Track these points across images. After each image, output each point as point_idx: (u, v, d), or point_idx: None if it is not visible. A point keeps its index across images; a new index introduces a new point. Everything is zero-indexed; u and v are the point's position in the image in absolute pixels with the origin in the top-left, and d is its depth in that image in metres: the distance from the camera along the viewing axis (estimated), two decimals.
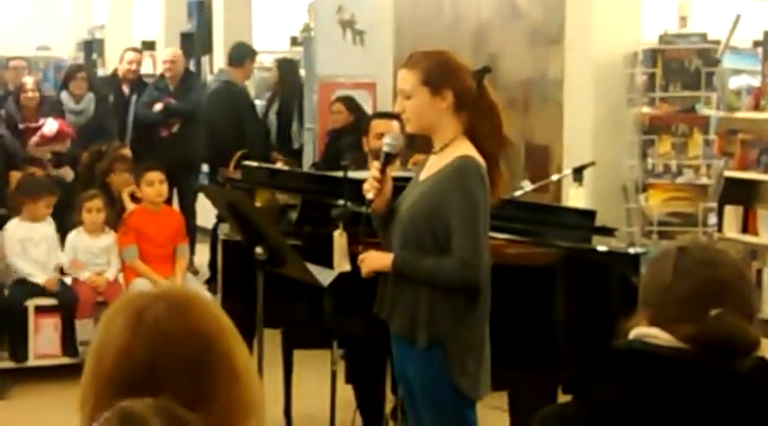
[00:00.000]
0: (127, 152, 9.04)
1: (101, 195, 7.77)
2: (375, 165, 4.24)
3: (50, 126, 9.25)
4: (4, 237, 7.54)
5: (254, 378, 1.90)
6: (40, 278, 7.42)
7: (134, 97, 10.65)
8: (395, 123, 4.22)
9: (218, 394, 1.81)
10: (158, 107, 10.23)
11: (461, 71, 4.18)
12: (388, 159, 4.27)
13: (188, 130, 10.09)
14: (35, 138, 9.16)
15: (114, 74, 11.18)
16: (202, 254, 10.20)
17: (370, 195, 4.20)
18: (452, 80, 4.14)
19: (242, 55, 10.02)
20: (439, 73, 4.14)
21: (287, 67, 11.13)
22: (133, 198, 8.03)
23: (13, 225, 7.55)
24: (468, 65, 4.24)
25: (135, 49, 11.39)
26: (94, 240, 7.63)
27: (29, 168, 8.37)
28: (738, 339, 2.21)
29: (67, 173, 9.09)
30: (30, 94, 9.45)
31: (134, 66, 10.90)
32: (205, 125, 9.88)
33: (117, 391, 1.79)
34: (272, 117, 10.76)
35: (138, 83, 10.86)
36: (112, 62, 13.27)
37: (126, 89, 10.74)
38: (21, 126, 9.31)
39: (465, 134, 4.16)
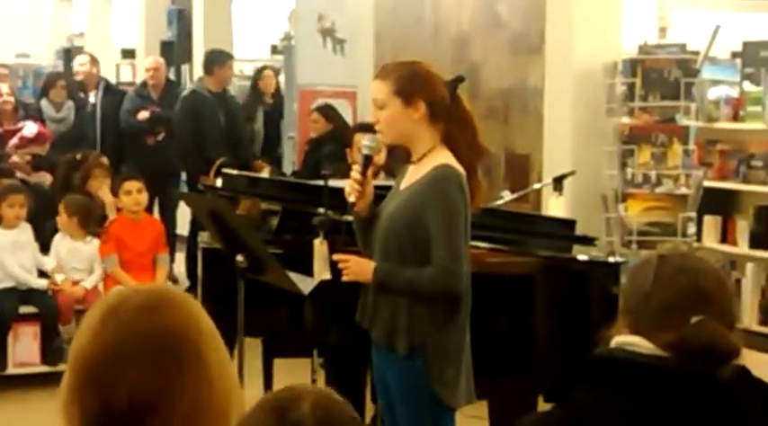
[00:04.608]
0: (104, 160, 9.01)
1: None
2: (356, 168, 4.24)
3: (30, 128, 9.26)
4: None
5: (228, 383, 1.89)
6: (35, 282, 7.45)
7: (98, 98, 10.53)
8: (378, 136, 4.24)
9: (183, 396, 1.81)
10: (144, 115, 10.22)
11: (434, 81, 4.18)
12: (368, 161, 4.26)
13: (171, 139, 10.09)
14: (14, 141, 9.16)
15: (80, 82, 11.11)
16: (182, 263, 10.18)
17: (351, 198, 4.20)
18: (424, 90, 4.14)
19: (210, 62, 9.96)
20: (411, 83, 4.14)
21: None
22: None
23: None
24: (442, 75, 4.25)
25: (85, 53, 11.36)
26: (77, 245, 7.62)
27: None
28: (719, 346, 2.21)
29: (45, 178, 9.07)
30: (5, 98, 9.44)
31: (82, 68, 10.72)
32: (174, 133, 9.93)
33: (82, 378, 1.81)
34: (258, 125, 10.77)
35: (101, 86, 10.72)
36: None
37: (91, 95, 10.60)
38: None
39: (443, 143, 4.16)
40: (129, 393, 1.79)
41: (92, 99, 10.55)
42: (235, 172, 6.91)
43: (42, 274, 7.60)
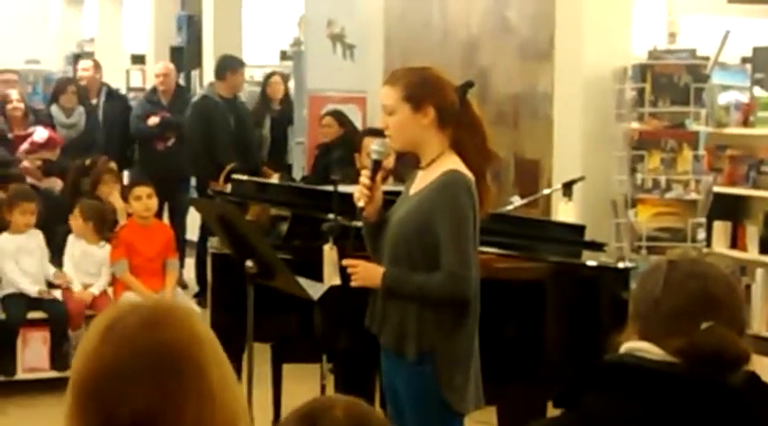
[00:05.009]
0: (113, 165, 9.02)
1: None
2: (365, 173, 4.25)
3: (41, 133, 9.28)
4: None
5: (232, 399, 1.86)
6: (32, 289, 7.43)
7: (100, 104, 10.57)
8: (387, 141, 4.23)
9: (186, 412, 1.78)
10: (155, 120, 10.24)
11: (443, 86, 4.18)
12: (377, 166, 4.26)
13: (181, 144, 10.11)
14: (25, 146, 9.19)
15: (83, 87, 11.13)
16: (191, 268, 10.19)
17: (360, 203, 4.20)
18: (434, 95, 4.14)
19: (223, 67, 10.00)
20: (420, 89, 4.14)
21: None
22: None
23: (3, 238, 7.53)
24: (452, 80, 4.24)
25: (89, 59, 11.37)
26: (91, 249, 7.65)
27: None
28: (729, 352, 2.21)
29: (55, 184, 9.09)
30: (15, 104, 9.46)
31: (86, 73, 10.78)
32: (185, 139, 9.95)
33: (84, 395, 1.79)
34: (266, 131, 10.78)
35: (103, 92, 10.74)
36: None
37: (94, 100, 10.64)
38: (10, 135, 9.32)
39: (452, 148, 4.16)
40: (132, 410, 1.76)
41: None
42: (244, 177, 6.92)
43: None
